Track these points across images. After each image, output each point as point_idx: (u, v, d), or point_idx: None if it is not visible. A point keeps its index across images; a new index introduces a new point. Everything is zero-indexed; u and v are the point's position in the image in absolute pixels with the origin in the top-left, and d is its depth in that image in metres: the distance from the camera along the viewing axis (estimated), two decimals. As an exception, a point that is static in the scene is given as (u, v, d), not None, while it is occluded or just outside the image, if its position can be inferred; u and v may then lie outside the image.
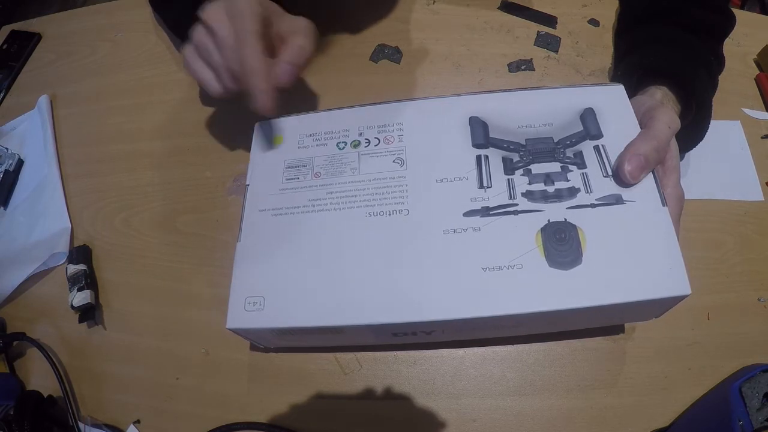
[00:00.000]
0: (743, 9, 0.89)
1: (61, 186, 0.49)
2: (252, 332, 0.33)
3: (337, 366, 0.39)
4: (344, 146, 0.37)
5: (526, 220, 0.32)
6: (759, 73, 0.50)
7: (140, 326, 0.42)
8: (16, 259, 0.46)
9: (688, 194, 0.44)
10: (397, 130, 0.37)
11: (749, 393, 0.33)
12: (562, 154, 0.34)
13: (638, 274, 0.30)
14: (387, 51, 0.53)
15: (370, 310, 0.31)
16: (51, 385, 0.39)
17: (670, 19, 0.42)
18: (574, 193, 0.33)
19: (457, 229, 0.32)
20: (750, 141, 0.46)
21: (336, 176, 0.36)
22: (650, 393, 0.37)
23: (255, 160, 0.38)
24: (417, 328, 0.32)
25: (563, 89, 0.38)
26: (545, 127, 0.36)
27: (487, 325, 0.33)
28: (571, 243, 0.31)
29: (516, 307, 0.30)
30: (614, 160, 0.33)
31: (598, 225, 0.31)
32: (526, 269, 0.30)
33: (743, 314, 0.40)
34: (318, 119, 0.39)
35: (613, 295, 0.29)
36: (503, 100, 0.37)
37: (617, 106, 0.36)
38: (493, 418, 0.37)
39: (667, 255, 0.30)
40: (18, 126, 0.54)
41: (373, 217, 0.33)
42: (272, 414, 0.38)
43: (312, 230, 0.34)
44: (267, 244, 0.34)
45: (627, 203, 0.32)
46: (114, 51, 0.57)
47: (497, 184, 0.34)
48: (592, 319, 0.35)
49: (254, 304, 0.32)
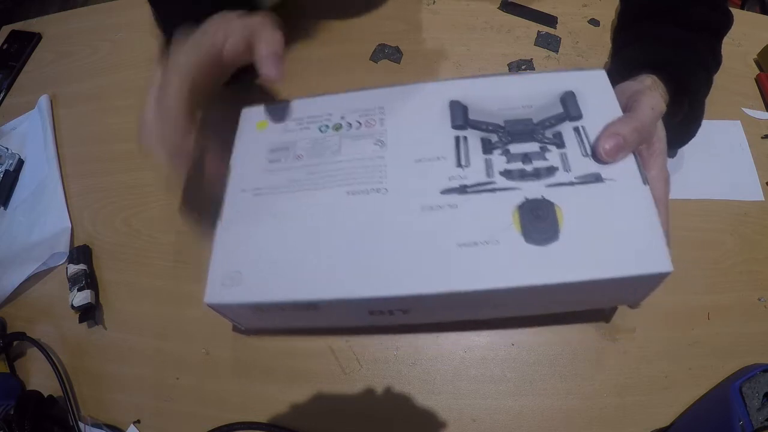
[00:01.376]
0: (743, 9, 0.89)
1: (61, 186, 0.49)
2: (230, 308, 0.33)
3: (338, 366, 0.39)
4: (326, 129, 0.38)
5: (503, 197, 0.32)
6: (759, 73, 0.50)
7: (140, 326, 0.42)
8: (17, 259, 0.46)
9: (688, 194, 0.44)
10: (379, 113, 0.38)
11: (749, 393, 0.33)
12: (541, 134, 0.34)
13: (617, 250, 0.30)
14: (387, 51, 0.53)
15: (345, 285, 0.31)
16: (51, 385, 0.39)
17: (669, 17, 0.42)
18: (552, 171, 0.33)
19: (434, 206, 0.32)
20: (750, 141, 0.46)
21: (317, 158, 0.36)
22: (650, 393, 0.37)
23: (239, 144, 0.39)
24: (393, 305, 0.32)
25: (545, 74, 0.38)
26: (525, 109, 0.36)
27: (464, 303, 0.32)
28: (548, 220, 0.31)
29: (490, 282, 0.30)
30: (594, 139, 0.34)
31: (577, 203, 0.31)
32: (503, 245, 0.30)
33: (743, 314, 0.40)
34: (302, 105, 0.40)
35: (590, 271, 0.29)
36: (484, 85, 0.38)
37: (598, 89, 0.36)
38: (494, 419, 0.37)
39: (647, 232, 0.30)
40: (18, 126, 0.54)
41: (351, 196, 0.34)
42: (272, 414, 0.38)
43: (291, 209, 0.34)
44: (247, 222, 0.35)
45: (606, 181, 0.32)
46: (114, 51, 0.57)
47: (475, 164, 0.34)
48: (573, 299, 0.34)
49: (232, 279, 0.32)
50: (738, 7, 0.93)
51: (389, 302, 0.32)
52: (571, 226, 0.30)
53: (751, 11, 0.57)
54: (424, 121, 0.37)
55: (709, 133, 0.47)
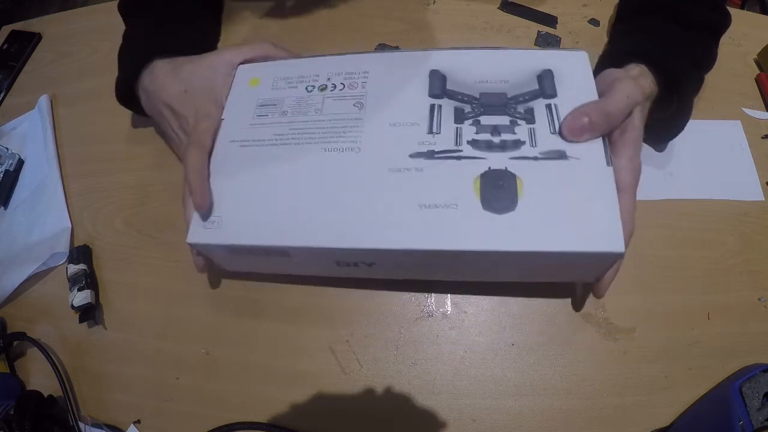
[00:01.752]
0: (743, 9, 0.89)
1: (61, 186, 0.49)
2: (208, 248, 0.36)
3: (338, 365, 0.39)
4: (312, 89, 0.39)
5: (468, 165, 0.33)
6: (759, 73, 0.50)
7: (140, 326, 0.42)
8: (17, 259, 0.46)
9: (688, 194, 0.44)
10: (362, 77, 0.39)
11: (749, 393, 0.33)
12: (513, 109, 0.36)
13: (571, 226, 0.31)
14: (387, 50, 0.53)
15: (314, 234, 0.33)
16: (51, 385, 0.39)
17: (666, 14, 0.42)
18: (518, 145, 0.34)
19: (402, 169, 0.34)
20: (750, 141, 0.46)
21: (300, 115, 0.38)
22: (650, 393, 0.37)
23: (232, 98, 0.41)
24: (357, 258, 0.35)
25: (527, 51, 0.39)
26: (501, 84, 0.37)
27: (420, 262, 0.35)
28: (509, 189, 0.32)
29: (445, 244, 0.31)
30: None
31: (539, 177, 0.32)
32: (460, 209, 0.32)
33: (744, 314, 0.40)
34: (293, 65, 0.42)
35: (540, 242, 0.30)
36: (466, 57, 0.39)
37: (577, 70, 0.37)
38: (494, 418, 0.37)
39: (604, 212, 0.31)
40: (18, 126, 0.54)
41: (327, 153, 0.36)
42: (272, 414, 0.38)
43: (273, 161, 0.36)
44: (232, 171, 0.37)
45: (570, 159, 0.33)
46: (114, 51, 0.56)
47: (446, 131, 0.35)
48: (524, 269, 0.36)
49: (213, 222, 0.35)
50: (738, 7, 0.93)
51: (353, 254, 0.34)
52: (529, 199, 0.32)
53: (751, 11, 0.57)
54: (403, 87, 0.38)
55: (710, 133, 0.47)
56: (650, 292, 0.41)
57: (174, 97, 0.40)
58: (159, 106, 0.41)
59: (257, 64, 0.42)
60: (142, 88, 0.43)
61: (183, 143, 0.40)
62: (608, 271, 0.35)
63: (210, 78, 0.41)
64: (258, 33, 0.55)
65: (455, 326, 0.40)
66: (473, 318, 0.40)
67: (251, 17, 0.57)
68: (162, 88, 0.41)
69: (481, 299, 0.41)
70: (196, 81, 0.41)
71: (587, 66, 0.37)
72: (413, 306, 0.41)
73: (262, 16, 0.57)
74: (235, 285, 0.43)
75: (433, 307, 0.41)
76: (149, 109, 0.44)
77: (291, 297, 0.42)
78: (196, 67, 0.41)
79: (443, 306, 0.41)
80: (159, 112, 0.42)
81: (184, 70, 0.41)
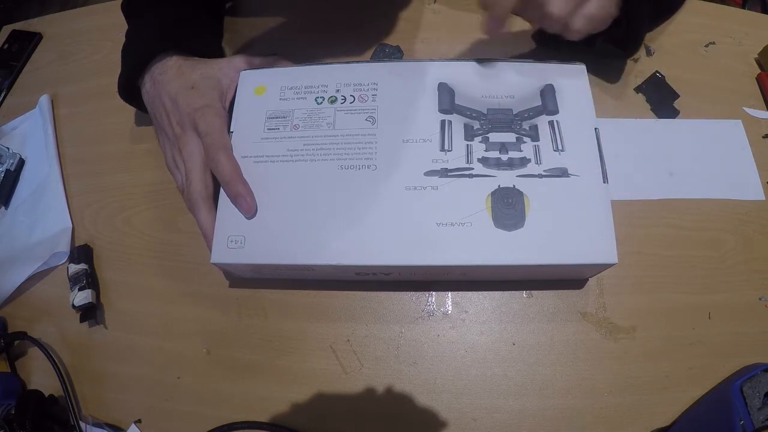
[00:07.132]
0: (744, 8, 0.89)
1: (62, 185, 0.49)
2: (233, 266, 0.38)
3: (338, 365, 0.39)
4: (322, 101, 0.40)
5: (479, 183, 0.36)
6: (760, 73, 0.50)
7: (141, 325, 0.42)
8: (18, 259, 0.46)
9: (689, 194, 0.44)
10: (372, 89, 0.40)
11: (750, 392, 0.33)
12: (519, 126, 0.38)
13: (572, 240, 0.34)
14: (388, 50, 0.53)
15: (336, 253, 0.35)
16: (52, 385, 0.39)
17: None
18: (525, 162, 0.36)
19: (418, 187, 0.36)
20: (751, 140, 0.46)
21: (313, 129, 0.39)
22: (651, 392, 0.37)
23: (239, 108, 0.41)
24: (378, 270, 0.37)
25: (529, 64, 0.41)
26: (507, 99, 0.39)
27: (436, 271, 0.37)
28: (517, 208, 0.35)
29: (461, 259, 0.34)
30: (566, 135, 0.37)
31: (543, 194, 0.35)
32: (475, 227, 0.35)
33: (744, 314, 0.40)
34: (299, 73, 0.42)
35: (547, 256, 0.34)
36: (472, 69, 0.40)
37: (576, 84, 0.39)
38: (494, 418, 0.37)
39: (600, 226, 0.34)
40: (19, 126, 0.54)
41: (344, 170, 0.37)
42: (273, 413, 0.38)
43: (289, 178, 0.37)
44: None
45: (572, 177, 0.36)
46: (115, 50, 0.56)
47: (457, 149, 0.37)
48: (529, 274, 0.39)
49: (236, 242, 0.36)
50: (739, 6, 0.93)
51: (373, 268, 0.36)
52: (535, 215, 0.35)
53: (752, 11, 0.57)
54: (414, 101, 0.39)
55: (710, 132, 0.47)
56: (651, 291, 0.41)
57: (180, 90, 0.40)
58: (163, 97, 0.41)
59: (261, 70, 0.42)
60: (148, 79, 0.43)
61: (179, 139, 0.40)
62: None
63: (219, 81, 0.41)
64: (258, 30, 0.55)
65: (456, 326, 0.40)
66: (474, 317, 0.40)
67: (251, 16, 0.57)
68: (171, 81, 0.41)
69: (482, 299, 0.41)
70: (206, 82, 0.41)
71: (585, 80, 0.39)
72: (414, 305, 0.41)
73: (262, 15, 0.57)
74: (236, 285, 0.43)
75: (434, 307, 0.41)
76: (150, 101, 0.43)
77: (292, 296, 0.42)
78: (207, 69, 0.42)
79: (444, 305, 0.41)
80: (161, 103, 0.41)
81: (195, 71, 0.42)
